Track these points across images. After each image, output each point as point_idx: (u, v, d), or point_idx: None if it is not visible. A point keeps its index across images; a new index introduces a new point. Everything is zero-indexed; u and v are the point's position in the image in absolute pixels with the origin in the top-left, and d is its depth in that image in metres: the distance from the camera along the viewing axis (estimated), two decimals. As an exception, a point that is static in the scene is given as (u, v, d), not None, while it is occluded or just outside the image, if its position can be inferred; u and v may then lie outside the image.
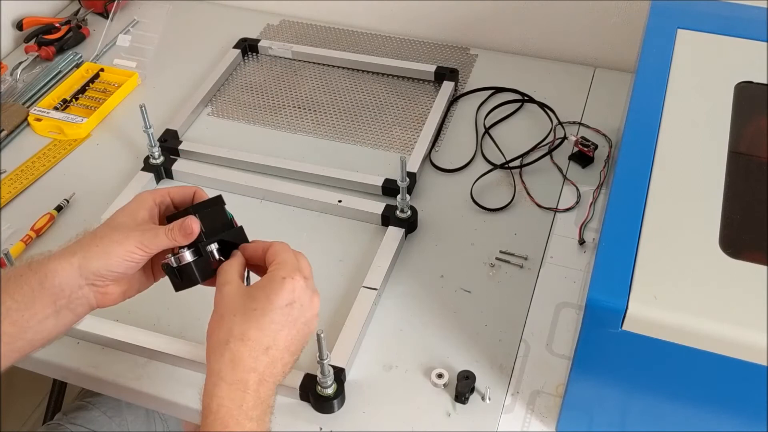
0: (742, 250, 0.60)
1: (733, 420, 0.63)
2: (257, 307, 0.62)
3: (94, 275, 0.65)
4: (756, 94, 0.74)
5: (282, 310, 0.63)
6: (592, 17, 1.15)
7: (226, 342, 0.61)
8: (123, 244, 0.65)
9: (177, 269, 0.67)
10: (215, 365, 0.61)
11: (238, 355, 0.61)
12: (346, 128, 1.09)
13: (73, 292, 0.65)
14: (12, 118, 1.11)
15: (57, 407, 1.15)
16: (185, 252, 0.67)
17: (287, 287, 0.63)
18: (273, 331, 0.62)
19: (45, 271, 0.64)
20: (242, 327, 0.62)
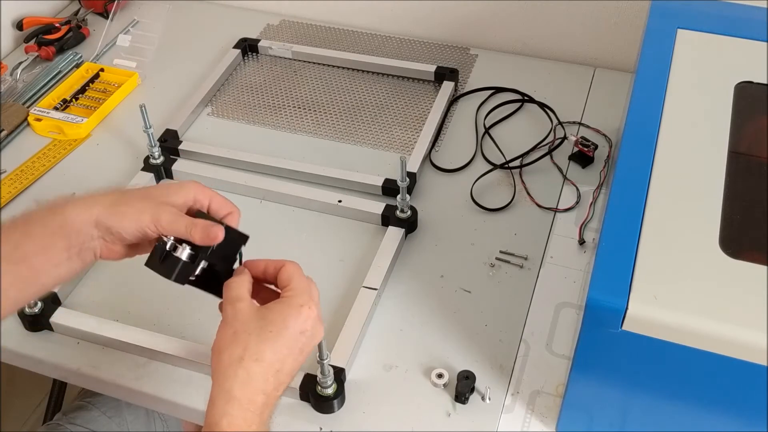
0: (742, 250, 0.60)
1: (733, 420, 0.63)
2: (273, 330, 0.62)
3: (106, 231, 0.65)
4: (756, 94, 0.74)
5: (295, 336, 0.63)
6: (592, 17, 1.15)
7: (240, 359, 0.61)
8: (142, 214, 0.65)
9: (166, 254, 0.66)
10: (227, 383, 0.61)
11: (251, 374, 0.61)
12: (346, 128, 1.09)
13: (86, 241, 0.66)
14: (12, 118, 1.11)
15: (57, 407, 1.15)
16: (186, 249, 0.66)
17: (303, 315, 0.64)
18: (284, 355, 0.63)
19: (65, 215, 0.65)
20: (258, 347, 0.61)
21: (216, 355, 0.62)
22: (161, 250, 0.66)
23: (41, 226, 0.64)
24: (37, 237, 0.64)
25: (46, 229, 0.64)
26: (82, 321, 0.84)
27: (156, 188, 0.69)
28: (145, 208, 0.65)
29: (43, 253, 0.64)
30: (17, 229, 0.64)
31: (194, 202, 0.69)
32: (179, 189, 0.68)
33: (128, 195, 0.67)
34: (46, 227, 0.64)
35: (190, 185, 0.69)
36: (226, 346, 0.62)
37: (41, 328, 0.85)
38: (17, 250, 0.63)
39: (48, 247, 0.64)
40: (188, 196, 0.68)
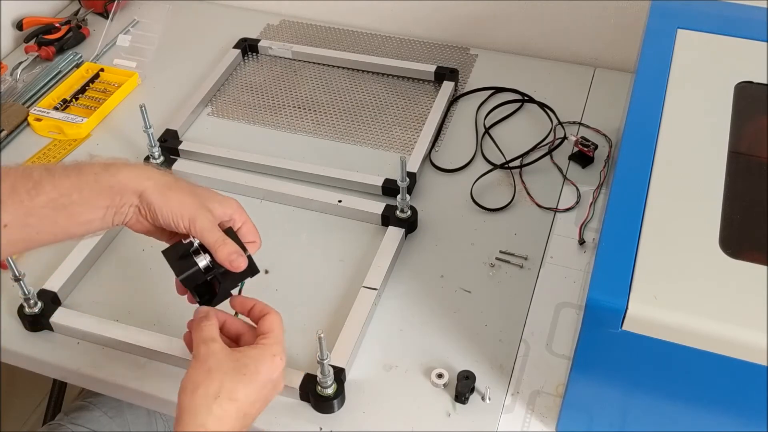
0: (742, 250, 0.60)
1: (733, 420, 0.63)
2: (246, 373, 0.64)
3: (147, 206, 0.67)
4: (756, 94, 0.74)
5: (264, 384, 0.66)
6: (592, 17, 1.15)
7: (215, 396, 0.62)
8: (183, 208, 0.67)
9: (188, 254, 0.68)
10: (200, 418, 0.62)
11: (226, 413, 0.63)
12: (346, 128, 1.09)
13: (123, 205, 0.67)
14: (12, 118, 1.11)
15: (57, 407, 1.15)
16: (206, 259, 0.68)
17: (275, 365, 0.66)
18: (253, 400, 0.65)
19: (119, 178, 0.67)
20: (233, 386, 0.63)
21: (189, 392, 0.63)
22: (184, 248, 0.68)
23: (94, 181, 0.66)
24: (86, 191, 0.66)
25: (97, 185, 0.66)
26: (82, 321, 0.84)
27: (204, 189, 0.71)
28: (188, 204, 0.68)
29: (85, 206, 0.66)
30: (69, 177, 0.66)
31: (230, 219, 0.71)
32: (222, 201, 0.71)
33: (179, 184, 0.69)
34: (98, 183, 0.66)
35: (232, 202, 0.72)
36: (201, 382, 0.63)
37: (41, 328, 0.85)
38: (63, 197, 0.65)
39: (92, 203, 0.66)
40: (227, 212, 0.71)
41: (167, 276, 0.69)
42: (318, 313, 0.86)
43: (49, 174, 0.66)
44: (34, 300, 0.84)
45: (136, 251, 0.94)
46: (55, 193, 0.65)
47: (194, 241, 0.68)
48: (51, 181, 0.65)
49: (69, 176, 0.66)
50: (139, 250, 0.93)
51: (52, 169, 0.66)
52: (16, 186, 0.64)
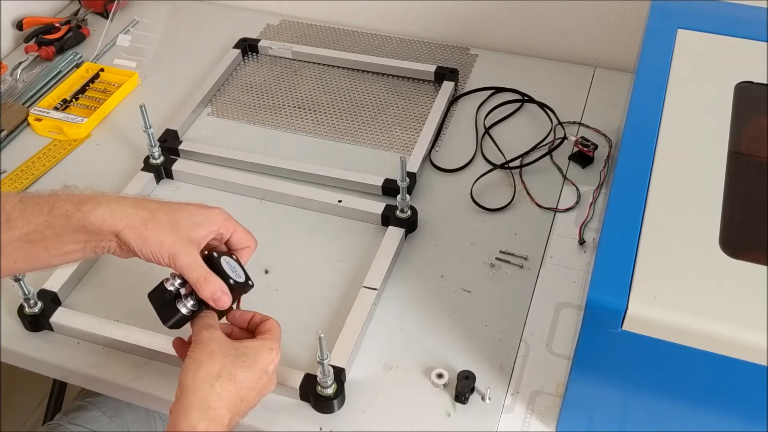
0: (742, 250, 0.60)
1: (733, 420, 0.63)
2: (246, 360, 0.66)
3: (125, 242, 0.67)
4: (756, 94, 0.74)
5: (260, 374, 0.67)
6: (592, 17, 1.15)
7: (218, 376, 0.64)
8: (162, 247, 0.67)
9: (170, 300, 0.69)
10: (203, 393, 0.63)
11: (227, 392, 0.64)
12: (346, 128, 1.09)
13: (104, 241, 0.68)
14: (12, 118, 1.11)
15: (57, 407, 1.15)
16: (189, 302, 0.69)
17: (272, 356, 0.68)
18: (250, 387, 0.66)
19: (91, 219, 0.66)
20: (233, 370, 0.65)
21: (192, 371, 0.64)
22: (167, 294, 0.69)
23: (65, 220, 0.66)
24: (58, 228, 0.66)
25: (69, 224, 0.66)
26: (82, 321, 0.84)
27: (184, 215, 0.69)
28: (167, 242, 0.67)
29: (60, 242, 0.67)
30: (41, 214, 0.66)
31: (217, 234, 0.71)
32: (205, 222, 0.70)
33: (155, 219, 0.68)
34: (70, 222, 0.66)
35: (216, 218, 0.71)
36: (204, 362, 0.65)
37: (41, 328, 0.85)
38: (36, 233, 0.66)
39: (66, 239, 0.67)
40: (211, 229, 0.70)
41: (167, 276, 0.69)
42: (318, 313, 0.86)
43: (22, 207, 0.66)
44: (34, 300, 0.84)
45: (136, 251, 0.94)
46: (27, 229, 0.65)
47: (175, 282, 0.69)
48: (22, 216, 0.66)
49: (41, 213, 0.66)
50: (139, 250, 0.93)
51: (25, 201, 0.67)
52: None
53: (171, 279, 0.69)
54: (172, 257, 0.67)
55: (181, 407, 0.63)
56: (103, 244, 0.68)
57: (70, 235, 0.66)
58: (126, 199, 0.69)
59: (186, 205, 0.70)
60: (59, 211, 0.66)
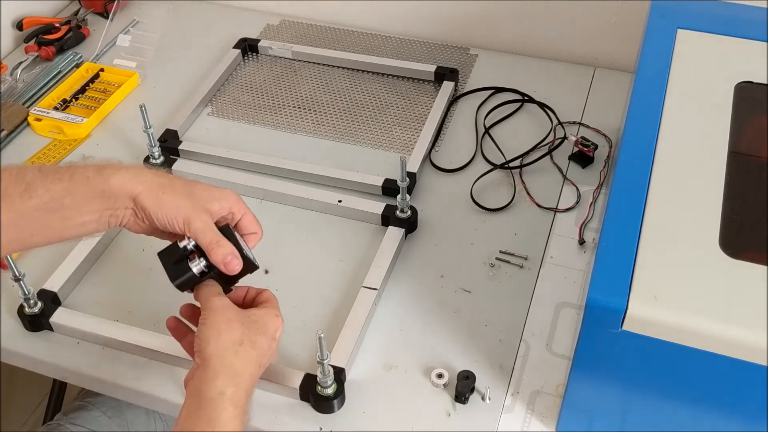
0: (742, 250, 0.60)
1: (733, 420, 0.63)
2: (258, 327, 0.67)
3: (140, 207, 0.68)
4: (756, 94, 0.74)
5: (270, 340, 0.68)
6: (592, 17, 1.15)
7: (240, 342, 0.65)
8: (179, 210, 0.68)
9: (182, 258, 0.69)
10: (228, 360, 0.64)
11: (248, 357, 0.65)
12: (346, 128, 1.09)
13: (119, 208, 0.68)
14: (12, 118, 1.11)
15: (57, 407, 1.15)
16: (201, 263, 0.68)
17: (278, 323, 0.69)
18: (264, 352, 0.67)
19: (111, 183, 0.67)
20: (251, 336, 0.66)
21: (213, 338, 0.65)
22: (179, 252, 0.69)
23: (85, 185, 0.66)
24: (78, 195, 0.66)
25: (89, 189, 0.66)
26: (82, 321, 0.84)
27: (199, 188, 0.71)
28: (183, 206, 0.68)
29: (78, 210, 0.66)
30: (62, 181, 0.66)
31: (229, 213, 0.71)
32: (220, 197, 0.71)
33: (173, 185, 0.69)
34: (90, 187, 0.66)
35: (230, 196, 0.72)
36: (223, 329, 0.65)
37: (41, 328, 0.85)
38: (55, 200, 0.65)
39: (85, 207, 0.66)
40: (224, 206, 0.71)
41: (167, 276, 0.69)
42: (318, 313, 0.86)
43: (42, 176, 0.66)
44: (34, 300, 0.84)
45: (136, 251, 0.94)
46: (47, 197, 0.65)
47: (189, 244, 0.68)
48: (43, 183, 0.65)
49: (61, 179, 0.66)
50: (139, 250, 0.93)
51: (45, 171, 0.67)
52: (9, 188, 0.64)
53: (184, 240, 0.69)
54: (186, 221, 0.67)
55: (205, 375, 0.63)
56: (119, 212, 0.67)
57: (89, 201, 0.66)
58: (145, 168, 0.70)
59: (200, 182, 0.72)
60: (80, 176, 0.66)
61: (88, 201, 0.66)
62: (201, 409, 0.62)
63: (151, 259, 0.92)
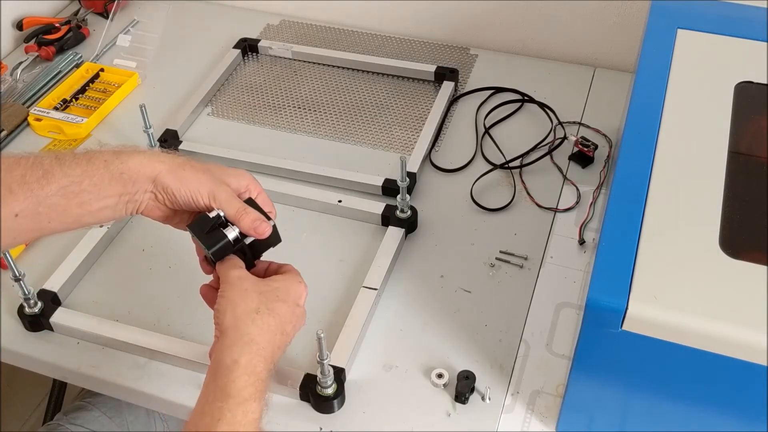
0: (742, 250, 0.60)
1: (733, 420, 0.63)
2: (280, 295, 0.67)
3: (162, 189, 0.68)
4: (756, 94, 0.74)
5: (293, 306, 0.68)
6: (592, 17, 1.15)
7: (256, 311, 0.65)
8: (201, 184, 0.68)
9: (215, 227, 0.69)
10: (245, 328, 0.64)
11: (267, 324, 0.65)
12: (346, 128, 1.09)
13: (138, 192, 0.68)
14: (12, 118, 1.11)
15: (57, 407, 1.15)
16: (235, 230, 0.69)
17: (301, 289, 0.70)
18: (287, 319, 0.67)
19: (129, 164, 0.67)
20: (270, 304, 0.66)
21: (231, 310, 0.65)
22: (211, 221, 0.68)
23: (104, 168, 0.66)
24: (96, 177, 0.66)
25: (107, 173, 0.66)
26: (82, 321, 0.84)
27: (215, 166, 0.71)
28: (205, 180, 0.68)
29: (96, 194, 0.66)
30: (79, 165, 0.66)
31: (246, 190, 0.72)
32: (236, 174, 0.72)
33: (191, 163, 0.69)
34: (108, 170, 0.66)
35: (245, 174, 0.73)
36: (240, 301, 0.65)
37: (41, 328, 0.85)
38: (74, 184, 0.65)
39: (103, 190, 0.66)
40: (242, 183, 0.72)
41: (167, 276, 0.70)
42: (318, 313, 0.86)
43: (59, 162, 0.66)
44: (34, 300, 0.84)
45: (136, 251, 0.94)
46: (66, 181, 0.65)
47: (220, 213, 0.68)
48: (61, 169, 0.65)
49: (79, 164, 0.66)
50: (139, 250, 0.93)
51: (62, 157, 0.66)
52: (27, 175, 0.64)
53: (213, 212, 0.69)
54: (211, 193, 0.68)
55: (222, 345, 0.63)
56: (137, 196, 0.67)
57: (107, 185, 0.66)
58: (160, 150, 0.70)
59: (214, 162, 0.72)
60: (98, 160, 0.66)
61: (107, 185, 0.66)
62: (217, 378, 0.62)
63: (151, 259, 0.92)
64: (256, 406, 0.61)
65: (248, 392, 0.61)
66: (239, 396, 0.61)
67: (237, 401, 0.60)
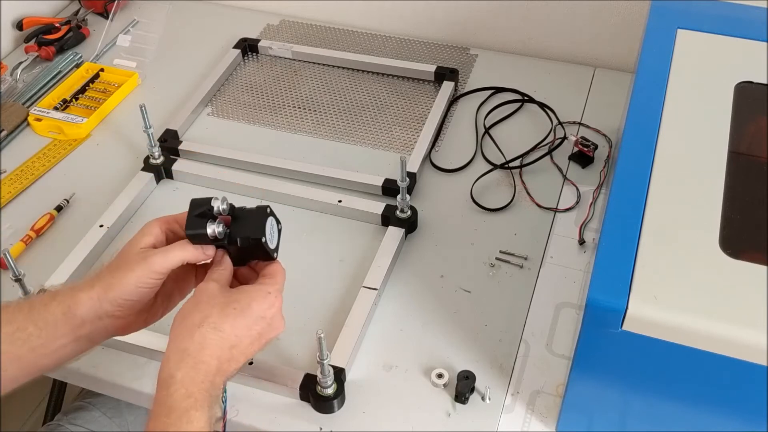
0: (742, 250, 0.60)
1: (733, 420, 0.63)
2: (237, 308, 0.65)
3: (112, 306, 0.67)
4: (756, 94, 0.74)
5: (256, 319, 0.66)
6: (592, 17, 1.15)
7: (199, 325, 0.64)
8: (135, 272, 0.67)
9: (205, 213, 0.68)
10: (182, 343, 0.63)
11: (207, 340, 0.63)
12: (346, 128, 1.09)
13: (94, 323, 0.67)
14: (12, 118, 1.11)
15: (57, 407, 1.15)
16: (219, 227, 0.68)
17: (268, 301, 0.67)
18: (242, 333, 0.65)
19: (69, 302, 0.66)
20: (218, 319, 0.64)
21: (178, 322, 0.65)
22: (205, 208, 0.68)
23: (44, 313, 0.66)
24: (40, 321, 0.65)
25: (49, 316, 0.66)
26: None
27: (127, 246, 0.70)
28: (134, 266, 0.67)
29: (46, 337, 0.65)
30: (21, 311, 0.66)
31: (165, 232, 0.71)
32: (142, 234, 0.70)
33: (114, 265, 0.68)
34: (50, 314, 0.66)
35: (148, 225, 0.71)
36: (188, 313, 0.65)
37: (41, 328, 0.85)
38: (19, 331, 0.65)
39: (51, 332, 0.66)
40: (155, 234, 0.70)
41: (167, 276, 0.70)
42: (318, 313, 0.86)
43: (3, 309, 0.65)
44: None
45: (136, 251, 0.94)
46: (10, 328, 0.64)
47: (222, 204, 0.68)
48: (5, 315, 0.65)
49: (22, 310, 0.66)
50: (139, 250, 0.93)
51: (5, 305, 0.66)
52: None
53: (221, 201, 0.68)
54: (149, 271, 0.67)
55: (163, 357, 0.64)
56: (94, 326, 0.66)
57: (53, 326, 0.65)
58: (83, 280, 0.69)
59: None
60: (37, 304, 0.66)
61: (53, 327, 0.65)
62: (158, 389, 0.62)
63: (151, 259, 0.92)
64: (200, 414, 0.61)
65: (188, 403, 0.61)
66: (179, 408, 0.60)
67: (178, 414, 0.60)
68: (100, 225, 0.94)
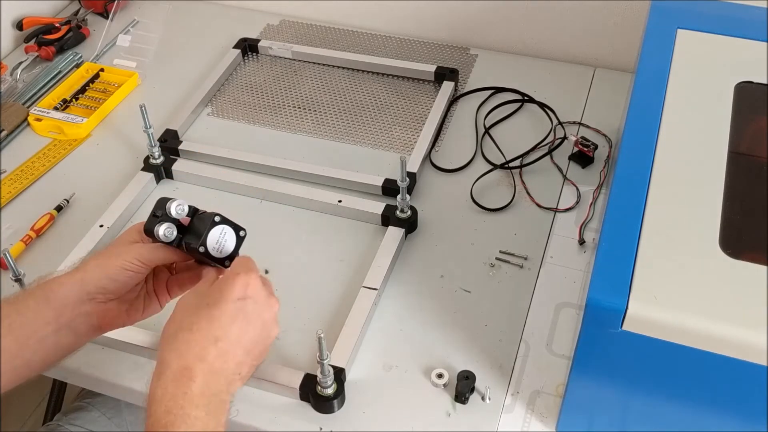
0: (742, 250, 0.60)
1: (733, 420, 0.63)
2: (209, 302, 0.64)
3: (94, 287, 0.67)
4: (756, 94, 0.74)
5: (234, 303, 0.64)
6: (592, 17, 1.15)
7: (174, 334, 0.63)
8: (121, 255, 0.68)
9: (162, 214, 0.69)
10: (162, 355, 0.62)
11: (185, 344, 0.62)
12: (346, 128, 1.09)
13: (75, 307, 0.67)
14: (12, 118, 1.11)
15: (57, 407, 1.15)
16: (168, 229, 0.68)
17: (240, 282, 0.65)
18: (224, 323, 0.63)
19: (51, 285, 0.66)
20: (191, 319, 0.63)
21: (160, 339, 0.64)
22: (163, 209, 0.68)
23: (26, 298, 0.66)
24: (21, 307, 0.65)
25: (31, 301, 0.66)
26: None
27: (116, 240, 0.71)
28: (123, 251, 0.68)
29: (27, 324, 0.65)
30: (7, 302, 0.66)
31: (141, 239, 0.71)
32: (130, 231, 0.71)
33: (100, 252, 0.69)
34: (31, 298, 0.66)
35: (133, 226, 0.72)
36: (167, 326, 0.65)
37: (41, 328, 0.85)
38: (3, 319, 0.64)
39: (32, 317, 0.65)
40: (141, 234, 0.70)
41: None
42: (318, 313, 0.86)
43: None
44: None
45: (136, 251, 0.94)
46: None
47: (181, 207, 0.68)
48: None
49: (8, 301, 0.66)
50: (139, 250, 0.93)
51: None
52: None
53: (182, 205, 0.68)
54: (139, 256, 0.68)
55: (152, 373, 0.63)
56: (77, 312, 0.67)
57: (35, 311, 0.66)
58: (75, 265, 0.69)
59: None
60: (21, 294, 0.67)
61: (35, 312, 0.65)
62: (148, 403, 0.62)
63: (151, 259, 0.92)
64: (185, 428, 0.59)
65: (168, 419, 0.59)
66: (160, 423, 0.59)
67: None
68: (100, 225, 0.94)
